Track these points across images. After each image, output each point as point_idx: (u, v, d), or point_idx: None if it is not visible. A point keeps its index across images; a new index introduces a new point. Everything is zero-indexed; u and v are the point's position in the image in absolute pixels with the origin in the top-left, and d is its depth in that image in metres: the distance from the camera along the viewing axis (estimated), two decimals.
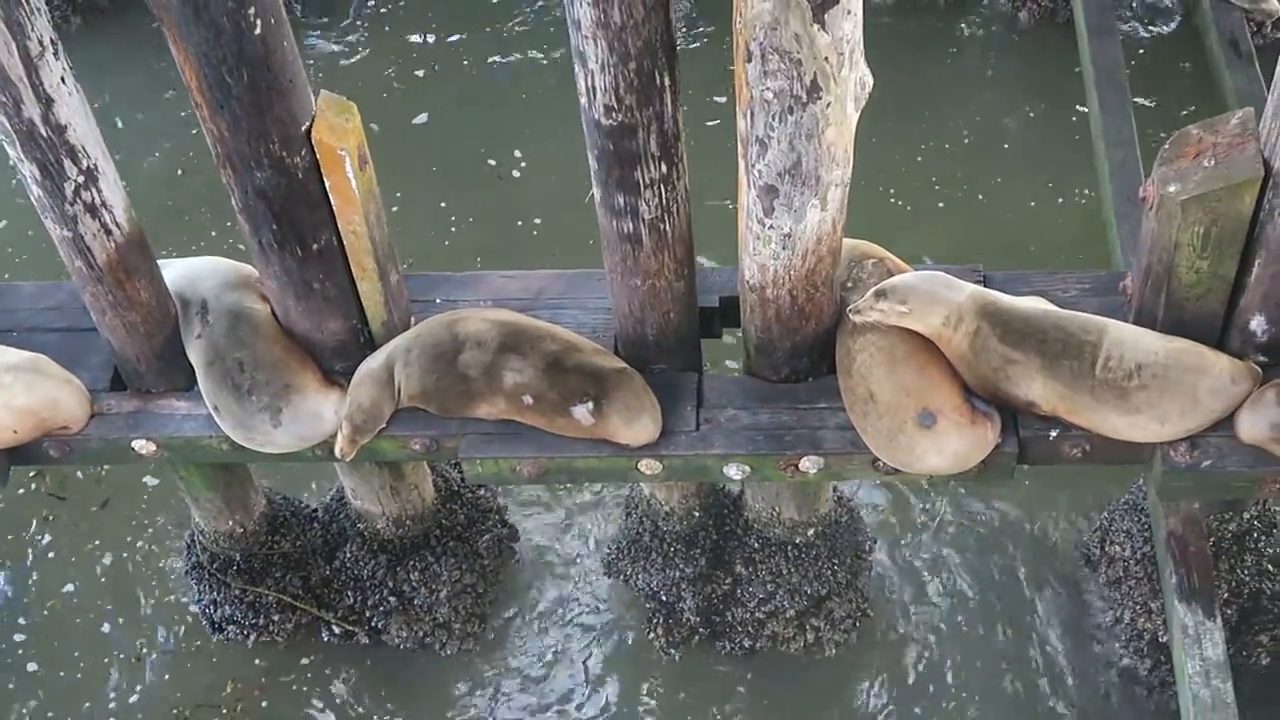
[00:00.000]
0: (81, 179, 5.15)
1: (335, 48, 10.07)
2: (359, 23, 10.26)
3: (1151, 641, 6.59)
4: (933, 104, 9.27)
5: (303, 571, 6.92)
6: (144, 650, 7.13)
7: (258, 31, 4.68)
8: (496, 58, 9.94)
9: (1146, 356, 5.31)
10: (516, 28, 10.07)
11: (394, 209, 8.92)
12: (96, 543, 7.51)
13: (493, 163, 9.27)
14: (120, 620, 7.24)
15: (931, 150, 9.00)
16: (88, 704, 6.99)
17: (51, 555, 7.49)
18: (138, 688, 7.02)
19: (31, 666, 7.12)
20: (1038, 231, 8.36)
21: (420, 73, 9.91)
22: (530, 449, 5.65)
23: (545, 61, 9.80)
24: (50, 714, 6.97)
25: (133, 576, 7.39)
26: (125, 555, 7.46)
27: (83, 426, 5.84)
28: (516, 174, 9.22)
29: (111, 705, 6.98)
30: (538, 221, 8.94)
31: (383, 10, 10.34)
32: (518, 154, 9.31)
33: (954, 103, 9.29)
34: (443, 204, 9.01)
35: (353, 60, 10.00)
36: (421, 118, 9.63)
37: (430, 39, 10.12)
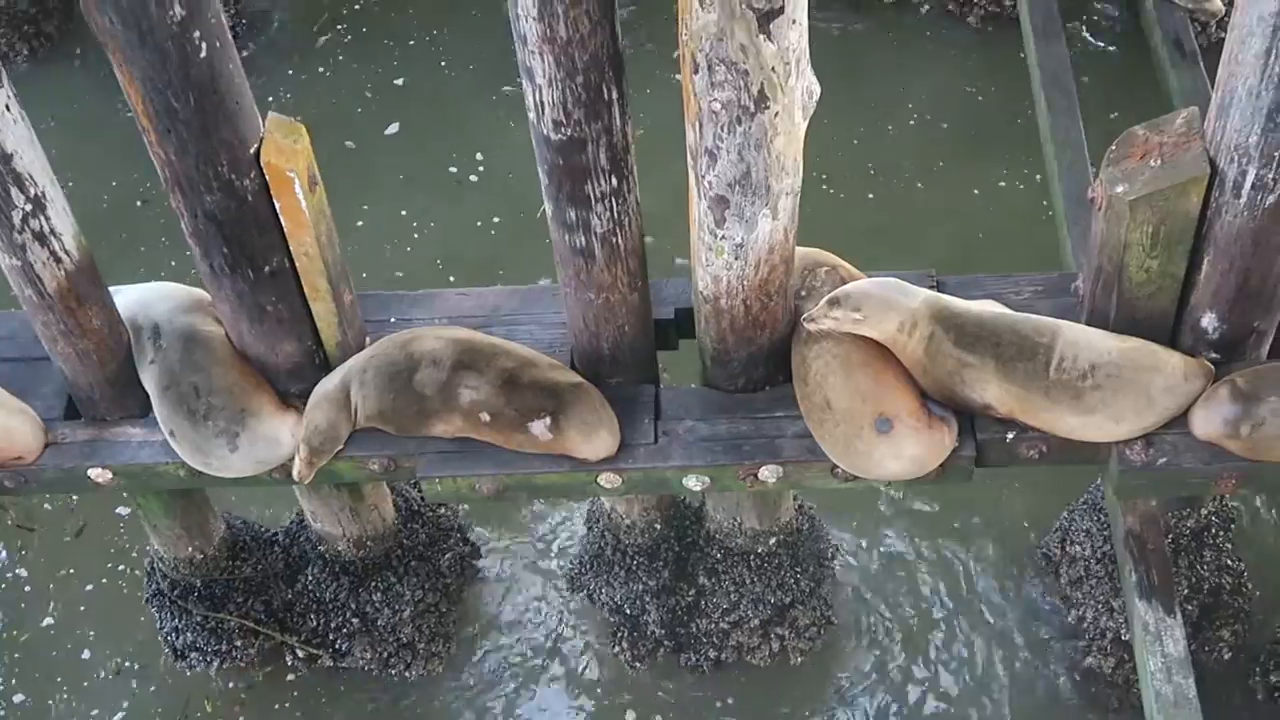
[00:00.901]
0: (29, 207, 5.11)
1: (306, 69, 10.08)
2: (336, 35, 10.27)
3: (1114, 640, 6.62)
4: (877, 98, 9.34)
5: (265, 596, 6.88)
6: (122, 673, 7.07)
7: (203, 55, 4.66)
8: (473, 65, 9.98)
9: (1100, 356, 5.34)
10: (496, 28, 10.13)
11: (359, 224, 8.99)
12: (71, 571, 7.46)
13: (454, 170, 9.28)
14: (101, 648, 7.19)
15: (877, 143, 9.08)
16: None
17: (28, 589, 7.43)
18: (118, 715, 6.98)
19: (18, 697, 7.06)
20: (985, 221, 8.44)
21: (399, 81, 9.92)
22: (489, 466, 5.64)
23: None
24: None
25: (112, 603, 7.33)
26: (105, 582, 7.41)
27: (37, 456, 5.79)
28: (474, 179, 9.24)
29: None
30: (496, 220, 8.98)
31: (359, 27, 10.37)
32: (479, 157, 9.34)
33: (898, 95, 9.37)
34: (403, 212, 9.04)
35: (328, 74, 10.01)
36: (393, 128, 9.62)
37: (410, 43, 10.15)
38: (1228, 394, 5.36)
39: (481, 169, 9.29)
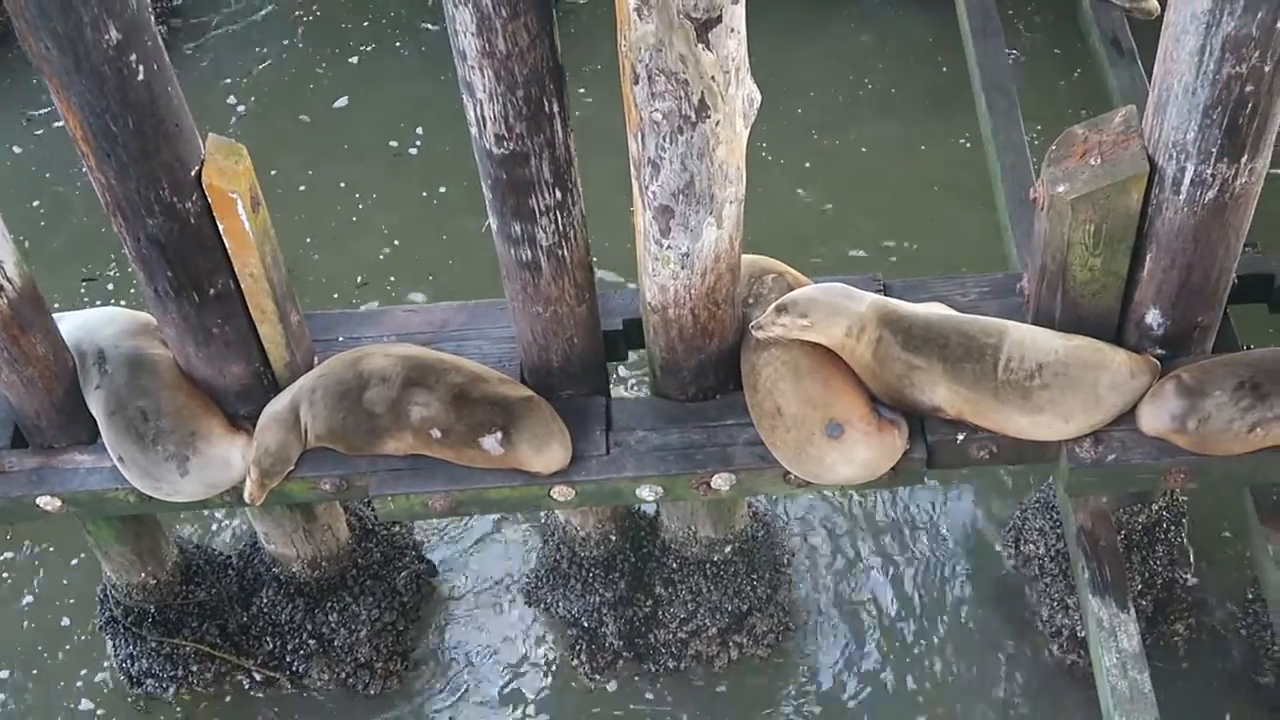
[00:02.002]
0: None
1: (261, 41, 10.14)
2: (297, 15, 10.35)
3: (1070, 636, 6.65)
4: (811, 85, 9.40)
5: (219, 620, 6.83)
6: (79, 704, 7.02)
7: (141, 78, 4.64)
8: (428, 24, 10.02)
9: (1046, 355, 5.38)
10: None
11: (301, 188, 9.09)
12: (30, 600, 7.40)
13: (394, 144, 9.36)
14: (50, 677, 7.13)
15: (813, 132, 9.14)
16: None
17: None
18: None
19: None
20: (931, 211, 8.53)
21: (354, 60, 9.97)
22: (441, 482, 5.63)
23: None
24: None
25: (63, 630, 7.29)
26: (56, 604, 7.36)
27: None
28: (414, 151, 9.31)
29: None
30: (443, 190, 9.03)
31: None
32: (419, 131, 9.43)
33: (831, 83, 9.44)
34: (342, 184, 9.11)
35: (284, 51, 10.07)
36: (342, 101, 9.66)
37: (365, 22, 10.19)
38: (1174, 389, 5.41)
39: (419, 143, 9.35)
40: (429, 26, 10.15)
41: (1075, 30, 9.19)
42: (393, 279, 8.59)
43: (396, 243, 8.76)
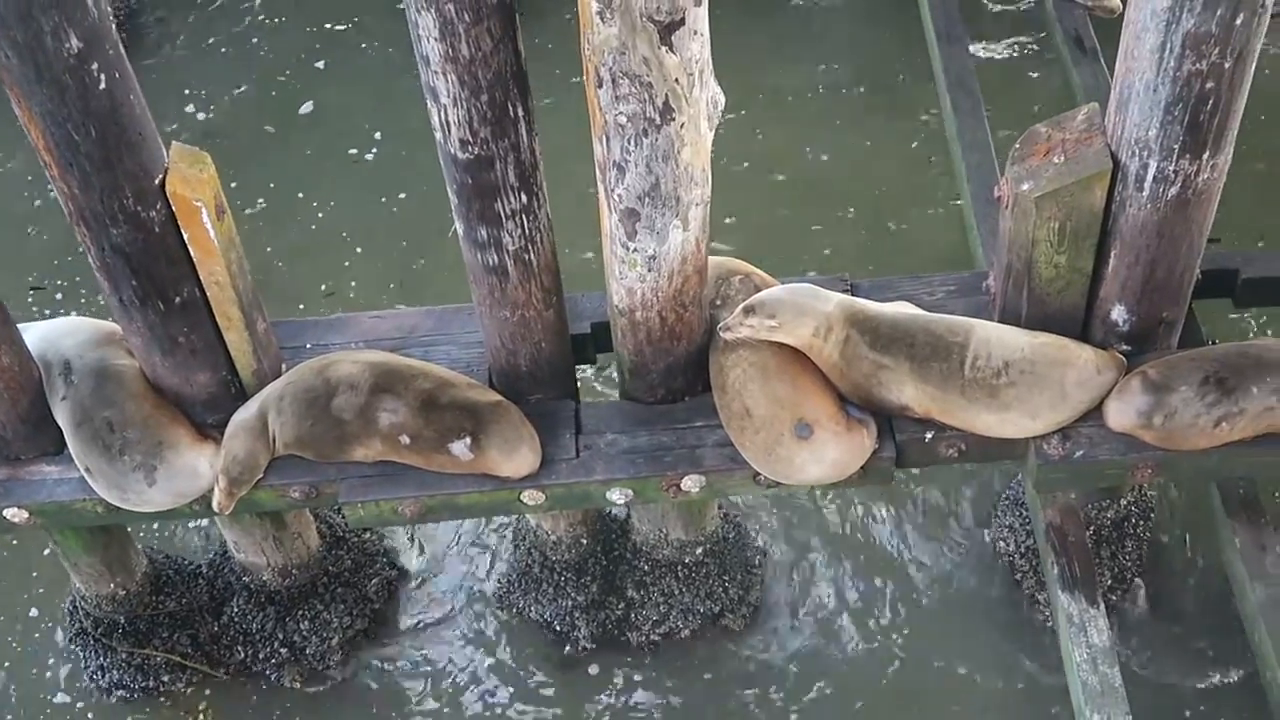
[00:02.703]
0: None
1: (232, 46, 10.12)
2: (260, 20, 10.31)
3: (1043, 633, 6.68)
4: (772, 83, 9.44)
5: (190, 629, 6.80)
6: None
7: (103, 87, 4.62)
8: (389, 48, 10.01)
9: (1013, 353, 5.40)
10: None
11: (260, 203, 9.04)
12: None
13: (354, 151, 9.33)
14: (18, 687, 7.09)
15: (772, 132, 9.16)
16: None
17: None
18: None
19: None
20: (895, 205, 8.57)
21: (320, 64, 9.94)
22: (411, 488, 5.62)
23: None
24: None
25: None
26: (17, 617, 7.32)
27: None
28: (370, 157, 9.30)
29: None
30: (402, 197, 8.98)
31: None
32: (377, 135, 9.41)
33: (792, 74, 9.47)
34: (300, 195, 9.09)
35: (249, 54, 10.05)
36: (307, 106, 9.64)
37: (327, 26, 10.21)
38: (1140, 385, 5.44)
39: (376, 150, 9.34)
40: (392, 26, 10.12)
41: (1038, 29, 9.24)
42: (354, 284, 8.56)
43: (359, 250, 8.73)
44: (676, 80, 4.47)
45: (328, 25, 10.25)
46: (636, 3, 4.24)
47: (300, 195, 9.09)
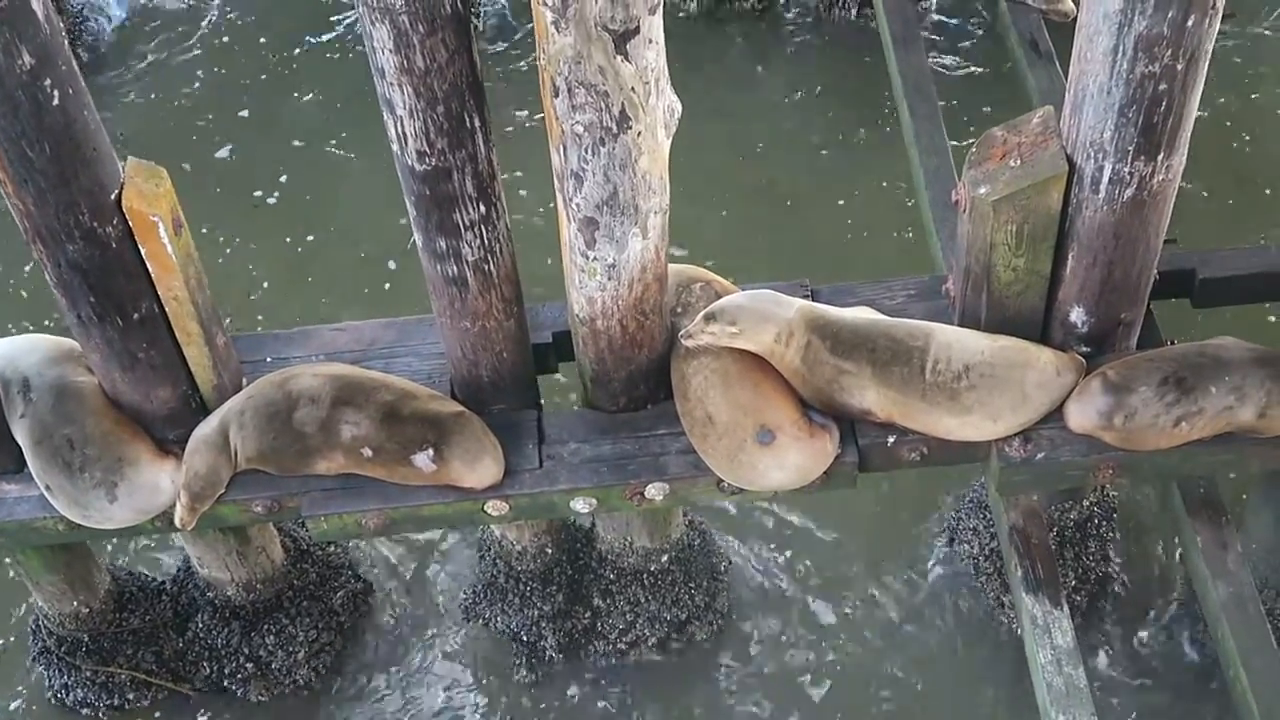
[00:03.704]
0: None
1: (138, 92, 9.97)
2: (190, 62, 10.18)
3: (1008, 635, 6.71)
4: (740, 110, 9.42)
5: (155, 646, 6.77)
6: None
7: (56, 102, 4.60)
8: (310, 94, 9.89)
9: (973, 357, 5.42)
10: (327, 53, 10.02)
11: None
12: None
13: (258, 194, 9.21)
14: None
15: (742, 152, 9.15)
16: None
17: None
18: None
19: None
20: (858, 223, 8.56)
21: (245, 114, 9.80)
22: (374, 501, 5.61)
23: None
24: None
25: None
26: None
27: None
28: (273, 201, 9.17)
29: None
30: (310, 239, 8.90)
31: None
32: (283, 179, 9.27)
33: (760, 106, 9.44)
34: (203, 229, 8.88)
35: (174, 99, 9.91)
36: (224, 151, 9.52)
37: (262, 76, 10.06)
38: (1100, 386, 5.46)
39: (278, 194, 9.21)
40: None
41: (994, 32, 9.28)
42: (260, 318, 8.49)
43: (266, 285, 8.65)
44: (633, 89, 4.47)
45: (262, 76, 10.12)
46: (591, 12, 4.24)
47: (204, 231, 8.97)
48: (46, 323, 8.34)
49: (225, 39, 10.27)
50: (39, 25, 4.48)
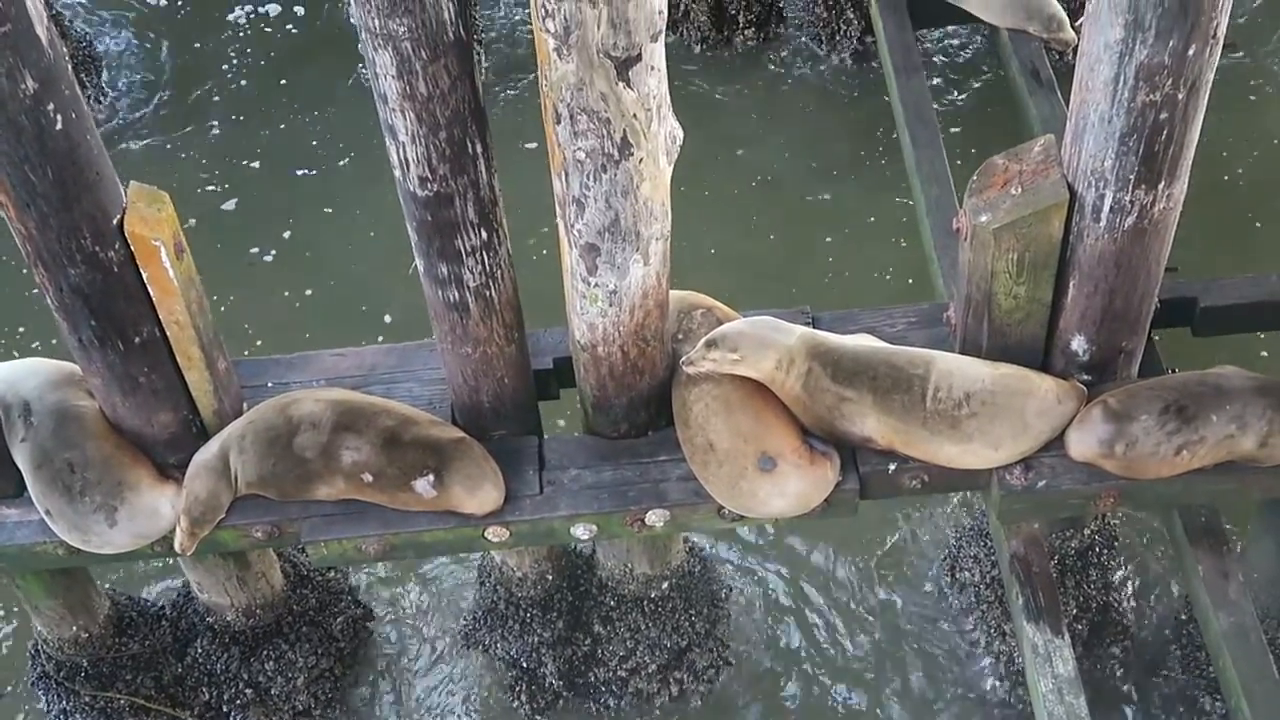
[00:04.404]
0: None
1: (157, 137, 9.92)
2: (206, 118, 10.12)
3: (1008, 663, 6.69)
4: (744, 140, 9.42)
5: (154, 671, 6.76)
6: None
7: (59, 127, 4.61)
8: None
9: (974, 384, 5.41)
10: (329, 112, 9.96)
11: None
12: None
13: (255, 250, 9.09)
14: None
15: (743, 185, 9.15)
16: None
17: None
18: None
19: None
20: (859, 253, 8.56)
21: (257, 167, 9.75)
22: (374, 526, 5.60)
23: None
24: None
25: None
26: None
27: None
28: (269, 259, 9.05)
29: None
30: (309, 293, 8.85)
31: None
32: (286, 235, 9.18)
33: (763, 138, 9.45)
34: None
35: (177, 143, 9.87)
36: (230, 204, 9.48)
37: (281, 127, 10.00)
38: (1101, 414, 5.46)
39: (275, 251, 9.08)
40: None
41: (995, 61, 9.30)
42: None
43: (260, 343, 8.55)
44: (634, 115, 4.48)
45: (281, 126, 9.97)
46: (593, 39, 4.25)
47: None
48: (35, 345, 8.33)
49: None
50: (42, 50, 4.49)
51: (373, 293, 8.61)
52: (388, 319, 8.48)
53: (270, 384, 5.99)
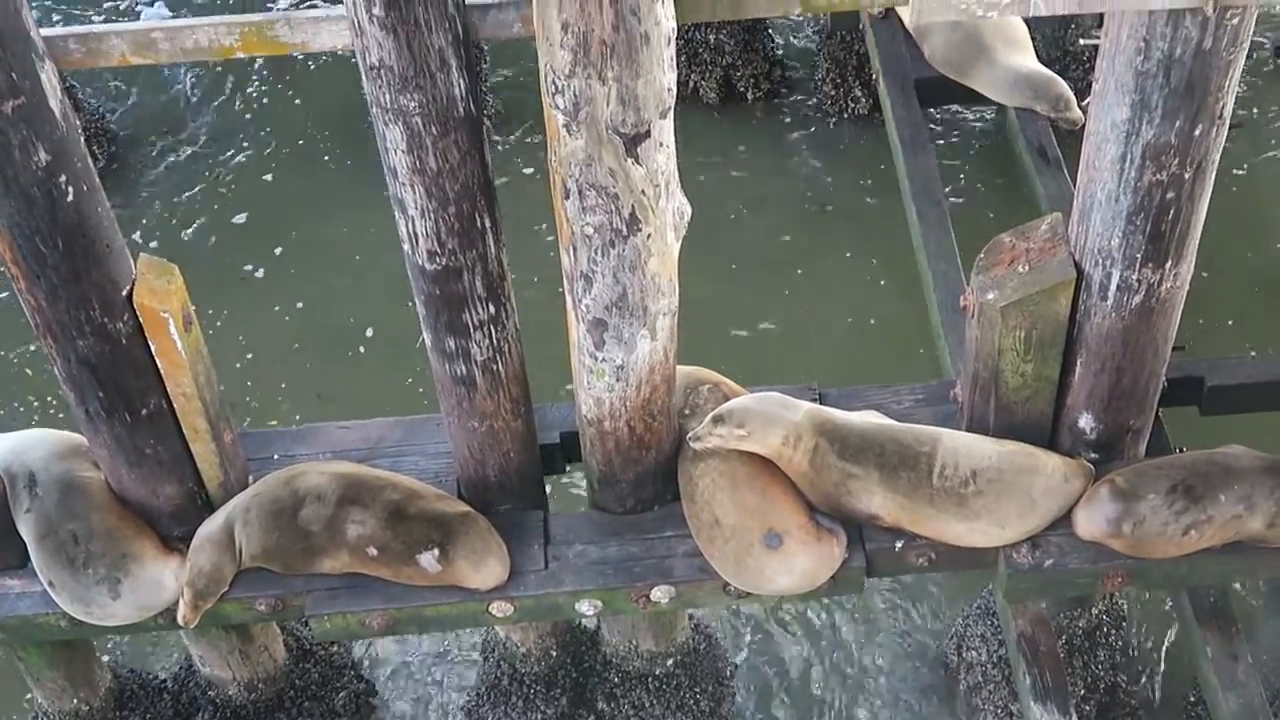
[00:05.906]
0: None
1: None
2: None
3: None
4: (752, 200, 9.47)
5: None
6: None
7: (70, 199, 4.64)
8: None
9: (980, 462, 5.40)
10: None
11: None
12: None
13: (249, 267, 9.22)
14: None
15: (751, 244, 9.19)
16: None
17: None
18: None
19: None
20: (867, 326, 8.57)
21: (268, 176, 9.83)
22: (378, 600, 5.58)
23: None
24: None
25: None
26: None
27: None
28: (260, 275, 9.17)
29: None
30: (299, 305, 8.90)
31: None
32: (278, 251, 9.27)
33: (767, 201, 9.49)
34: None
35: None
36: (240, 217, 9.55)
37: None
38: (1108, 493, 5.44)
39: (265, 269, 9.21)
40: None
41: (1003, 139, 9.34)
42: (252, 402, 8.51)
43: (249, 382, 8.63)
44: (643, 191, 4.50)
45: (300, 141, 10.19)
46: (602, 115, 4.28)
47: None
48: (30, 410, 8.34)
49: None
50: (55, 122, 4.52)
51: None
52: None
53: (276, 456, 5.98)
